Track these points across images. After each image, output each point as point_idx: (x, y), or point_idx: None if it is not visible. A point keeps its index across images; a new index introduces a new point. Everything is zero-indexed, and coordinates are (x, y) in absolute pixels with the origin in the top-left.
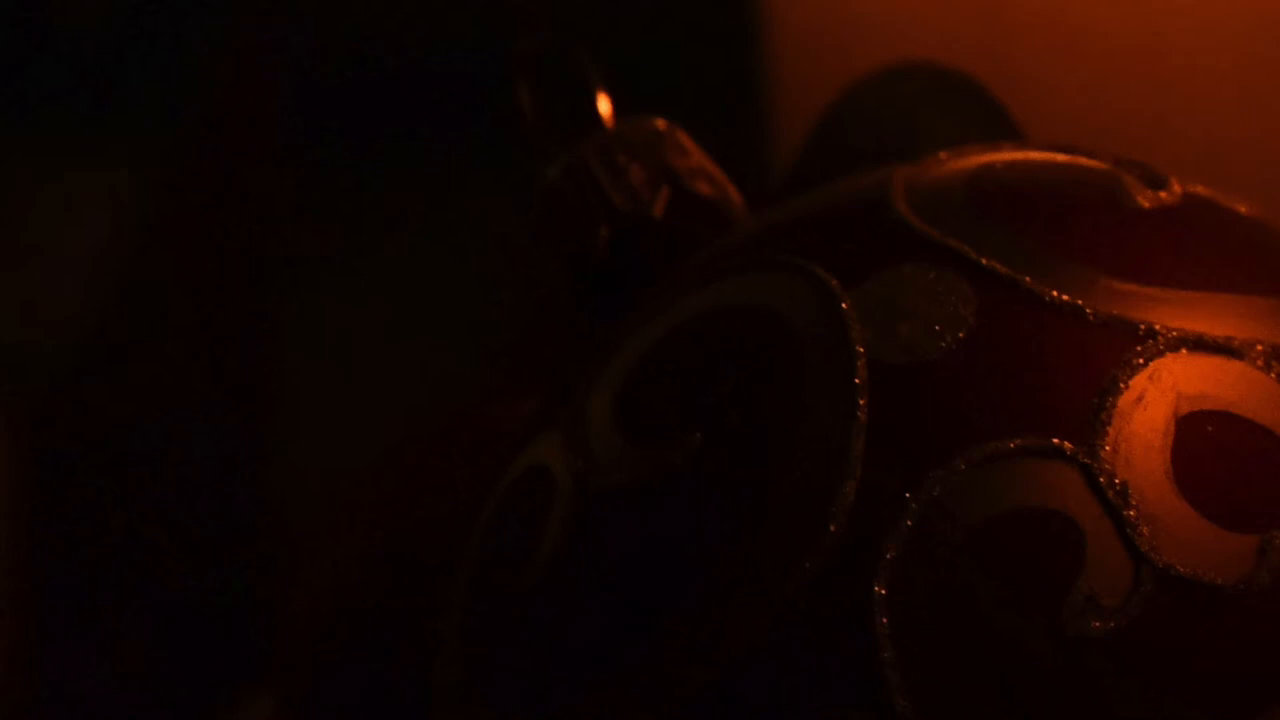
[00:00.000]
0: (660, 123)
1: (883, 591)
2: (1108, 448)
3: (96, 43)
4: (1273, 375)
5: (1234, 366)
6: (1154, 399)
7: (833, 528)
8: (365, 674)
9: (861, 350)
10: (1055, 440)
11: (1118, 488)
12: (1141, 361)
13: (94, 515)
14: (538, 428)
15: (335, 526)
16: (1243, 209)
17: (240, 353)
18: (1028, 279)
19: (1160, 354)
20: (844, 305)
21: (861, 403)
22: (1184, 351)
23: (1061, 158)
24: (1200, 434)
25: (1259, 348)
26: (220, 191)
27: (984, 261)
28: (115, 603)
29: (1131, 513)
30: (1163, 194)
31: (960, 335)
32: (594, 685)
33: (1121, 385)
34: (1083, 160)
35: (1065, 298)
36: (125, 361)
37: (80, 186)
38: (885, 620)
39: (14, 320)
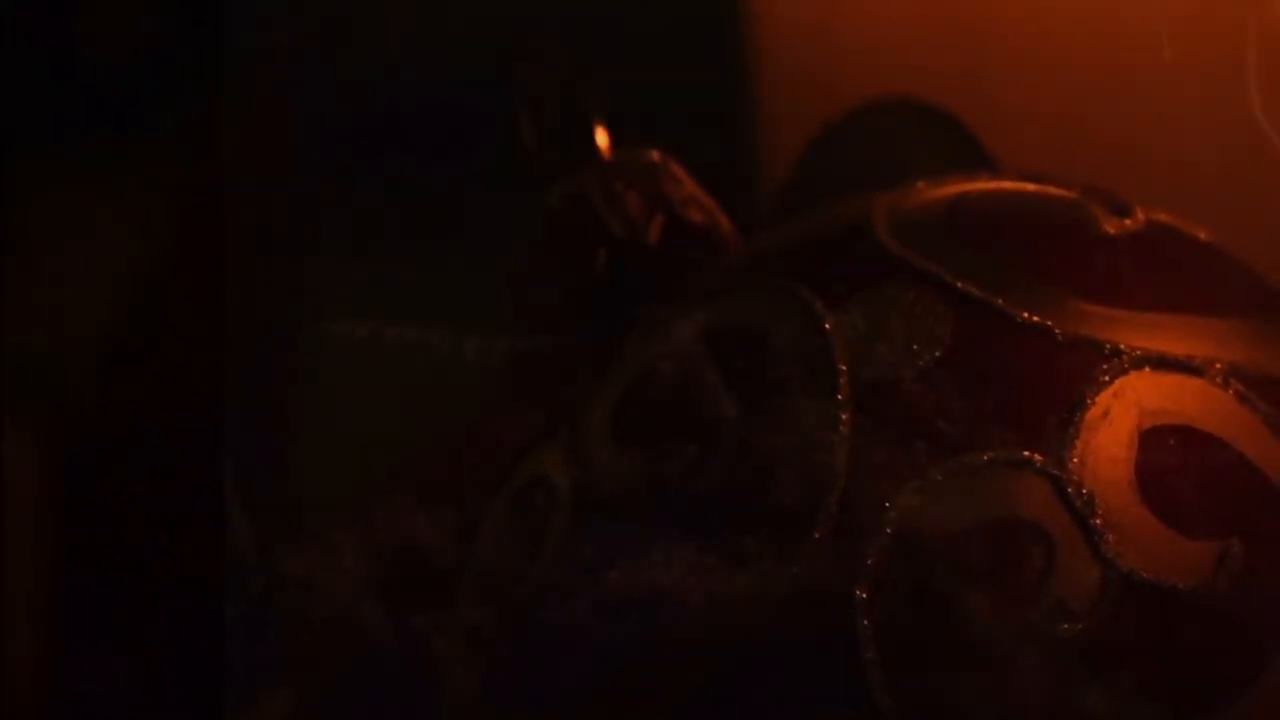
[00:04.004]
0: (655, 154)
1: (864, 595)
2: (1075, 460)
3: (121, 74)
4: (1230, 392)
5: (1194, 384)
6: (1119, 414)
7: (817, 535)
8: (373, 676)
9: (844, 368)
10: (1026, 453)
11: (1085, 497)
12: (1107, 379)
13: (117, 521)
14: (539, 440)
15: (346, 534)
16: (1203, 235)
17: (256, 368)
18: (1001, 301)
19: (1125, 372)
20: (828, 325)
21: (844, 417)
22: (1147, 369)
23: (1032, 187)
24: (1162, 447)
25: (1217, 366)
26: (238, 215)
27: (960, 284)
28: (136, 605)
29: (1097, 521)
30: (1127, 221)
31: (937, 353)
32: (595, 685)
33: (1088, 401)
34: (1052, 189)
35: (1036, 319)
36: (147, 375)
37: (106, 208)
38: (866, 622)
39: (43, 334)
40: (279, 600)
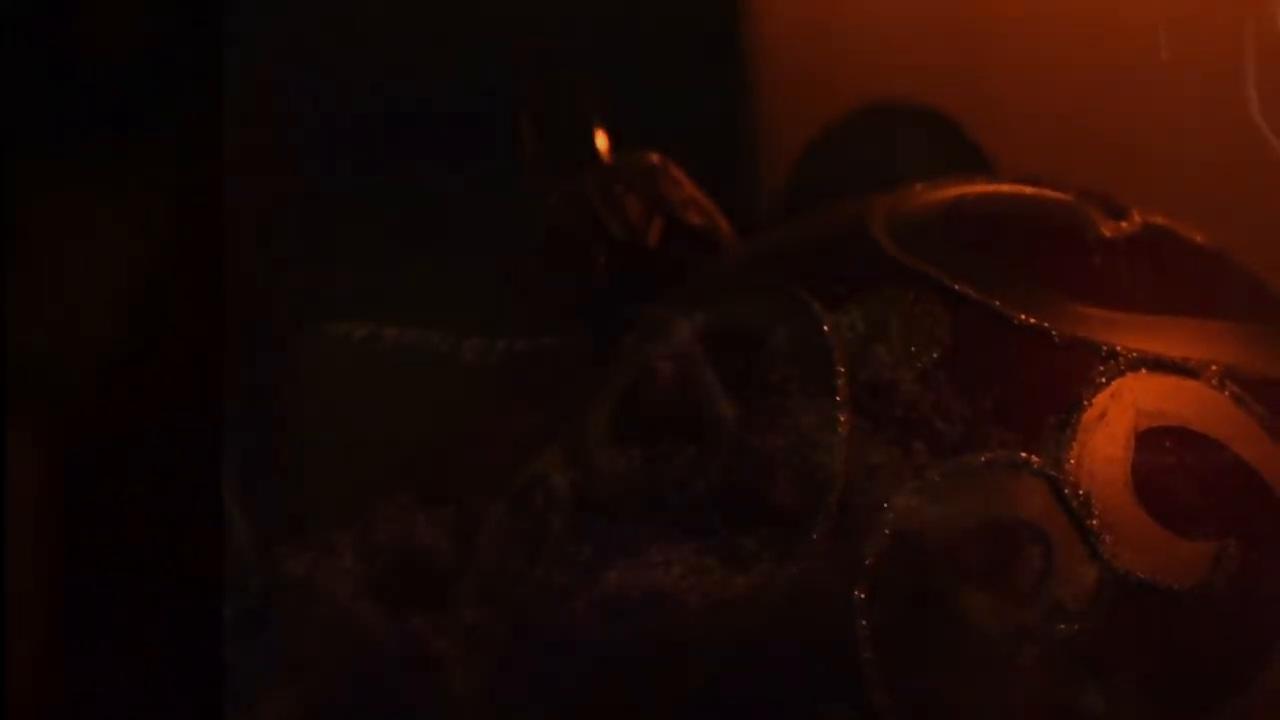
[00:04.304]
0: (654, 157)
1: (863, 595)
2: (1072, 461)
3: (123, 76)
4: (1226, 394)
5: (1190, 385)
6: (1115, 415)
7: (815, 536)
8: (373, 676)
9: (843, 369)
10: (1023, 454)
11: (1081, 498)
12: (1104, 380)
13: (116, 521)
14: (538, 441)
15: (345, 535)
16: (1199, 238)
17: (256, 369)
18: (998, 303)
19: (1121, 373)
20: (826, 326)
21: (842, 418)
22: (1143, 371)
23: (1029, 190)
24: (1158, 448)
25: (1213, 368)
26: (238, 218)
27: (957, 287)
28: (136, 606)
29: (1094, 522)
30: (1124, 224)
31: (935, 355)
32: (595, 686)
33: (1085, 402)
34: (1049, 192)
35: (1033, 320)
36: (146, 375)
37: (106, 209)
38: (865, 622)
39: (45, 334)
40: (278, 601)
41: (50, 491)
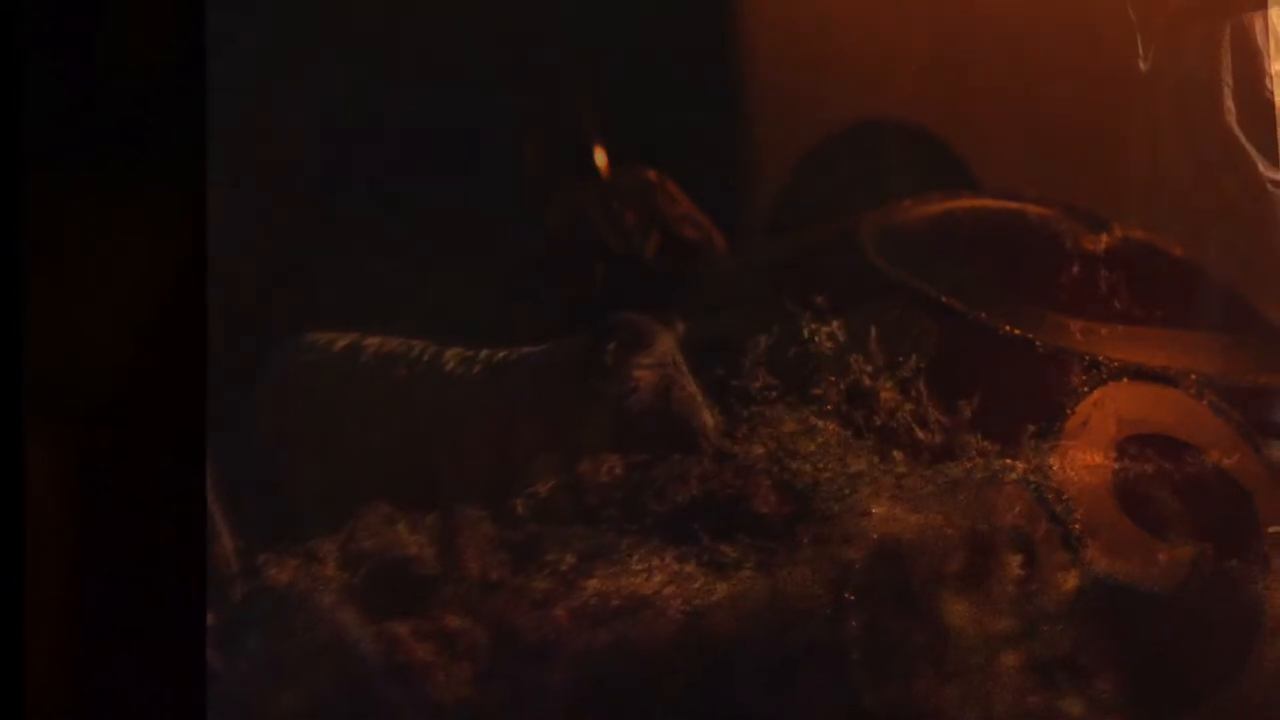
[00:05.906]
0: (651, 173)
1: (851, 598)
2: (1054, 468)
3: (140, 98)
4: (1205, 402)
5: (1170, 394)
6: (1098, 423)
7: (800, 541)
8: (354, 682)
9: (832, 379)
10: (1007, 461)
11: (1064, 505)
12: (1086, 389)
13: (133, 528)
14: (522, 450)
15: (327, 543)
16: (1178, 251)
17: (239, 379)
18: (983, 315)
19: (1103, 382)
20: (809, 336)
21: (831, 427)
22: (1125, 380)
23: (1013, 205)
24: (1139, 455)
25: (1193, 377)
26: (248, 231)
27: (944, 299)
28: (152, 609)
29: (1076, 526)
30: (1105, 237)
31: (921, 365)
32: (575, 692)
33: (1068, 411)
34: (1032, 207)
35: (1017, 332)
36: (134, 383)
37: (123, 225)
38: (855, 624)
39: (60, 348)
40: (261, 608)
41: (68, 497)
